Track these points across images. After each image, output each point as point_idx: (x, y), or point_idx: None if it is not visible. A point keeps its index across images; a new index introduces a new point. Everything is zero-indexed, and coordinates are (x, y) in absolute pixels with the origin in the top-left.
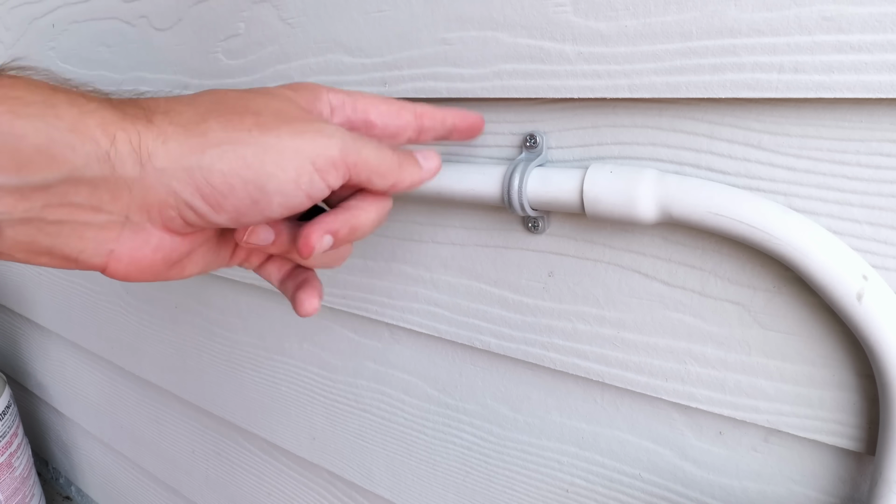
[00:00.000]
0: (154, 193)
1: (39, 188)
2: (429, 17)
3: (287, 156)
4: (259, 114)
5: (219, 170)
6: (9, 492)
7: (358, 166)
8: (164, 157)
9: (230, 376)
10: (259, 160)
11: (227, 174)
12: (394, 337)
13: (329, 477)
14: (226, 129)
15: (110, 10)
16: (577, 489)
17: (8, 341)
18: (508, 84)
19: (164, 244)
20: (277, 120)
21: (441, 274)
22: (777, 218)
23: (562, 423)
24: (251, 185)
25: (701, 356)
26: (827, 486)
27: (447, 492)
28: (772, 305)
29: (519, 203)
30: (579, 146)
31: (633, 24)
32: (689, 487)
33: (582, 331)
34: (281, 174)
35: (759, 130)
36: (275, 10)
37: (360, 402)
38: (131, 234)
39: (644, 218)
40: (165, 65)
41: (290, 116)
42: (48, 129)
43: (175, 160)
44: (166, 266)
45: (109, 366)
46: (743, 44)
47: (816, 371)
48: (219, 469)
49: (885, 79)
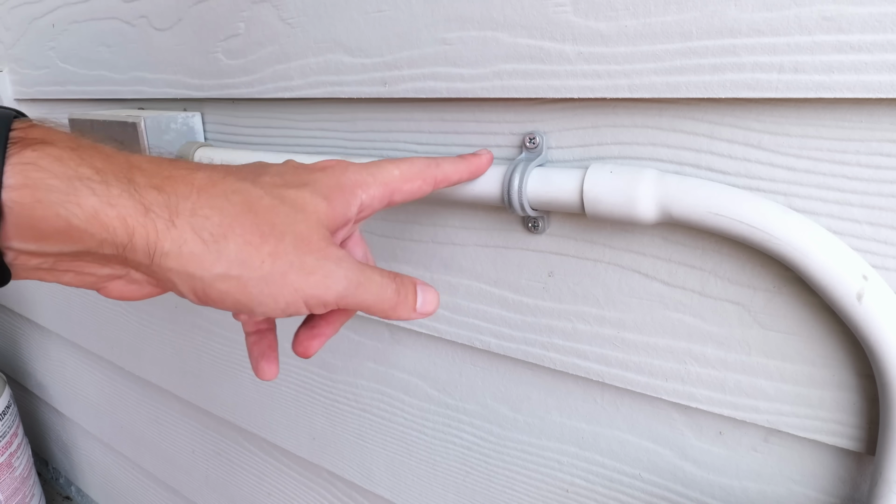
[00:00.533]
0: (157, 276)
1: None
2: (429, 17)
3: (285, 291)
4: (280, 239)
5: (218, 289)
6: (9, 492)
7: (351, 305)
8: (175, 261)
9: (230, 376)
10: (258, 290)
11: (225, 293)
12: (394, 337)
13: (329, 477)
14: (241, 252)
15: (110, 10)
16: (577, 489)
17: (8, 341)
18: (508, 84)
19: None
20: (294, 252)
21: (441, 274)
22: (777, 218)
23: (562, 423)
24: (241, 304)
25: (701, 356)
26: (827, 486)
27: (447, 492)
28: (772, 305)
29: (519, 203)
30: (579, 146)
31: (633, 24)
32: (689, 487)
33: (582, 331)
34: (272, 304)
35: (759, 130)
36: (275, 10)
37: (360, 402)
38: (126, 283)
39: (644, 218)
40: (165, 65)
41: (308, 248)
42: (68, 217)
43: (183, 266)
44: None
45: (109, 366)
46: (743, 44)
47: (816, 371)
48: (219, 469)
49: (885, 79)
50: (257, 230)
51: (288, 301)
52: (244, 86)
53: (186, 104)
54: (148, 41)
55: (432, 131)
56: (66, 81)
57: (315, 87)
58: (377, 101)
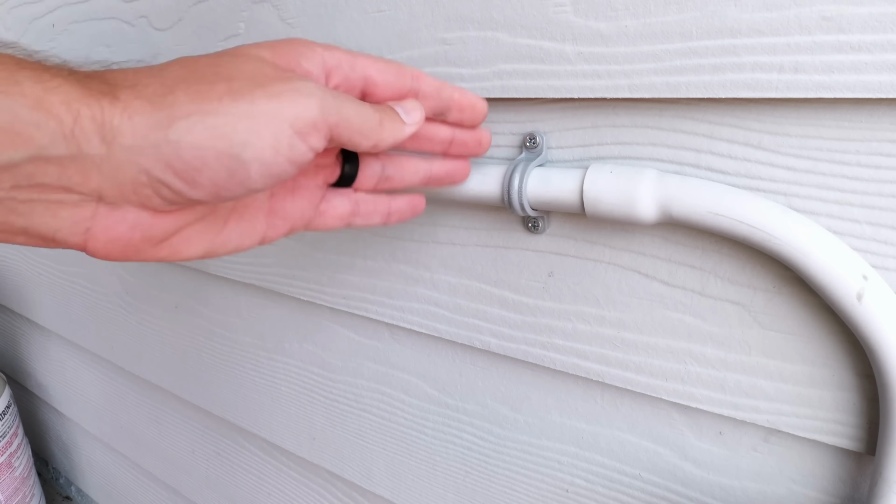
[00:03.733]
0: (124, 172)
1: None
2: (429, 17)
3: (262, 121)
4: (231, 79)
5: (188, 143)
6: (9, 492)
7: (339, 126)
8: (130, 134)
9: (230, 376)
10: (231, 128)
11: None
12: (394, 337)
13: (329, 477)
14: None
15: (110, 10)
16: (577, 489)
17: (8, 341)
18: (508, 84)
19: (142, 222)
20: (251, 84)
21: (441, 274)
22: (777, 218)
23: (562, 423)
24: (225, 155)
25: (701, 356)
26: (827, 486)
27: (447, 492)
28: (772, 305)
29: (519, 203)
30: (579, 146)
31: (633, 24)
32: (689, 487)
33: (582, 331)
34: (257, 141)
35: (759, 130)
36: (275, 10)
37: (360, 402)
38: (107, 212)
39: (644, 218)
40: None
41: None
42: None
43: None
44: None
45: (109, 366)
46: (743, 44)
47: (816, 371)
48: (219, 469)
49: (885, 79)
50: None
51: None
52: None
53: None
54: (148, 41)
55: None
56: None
57: None
58: None
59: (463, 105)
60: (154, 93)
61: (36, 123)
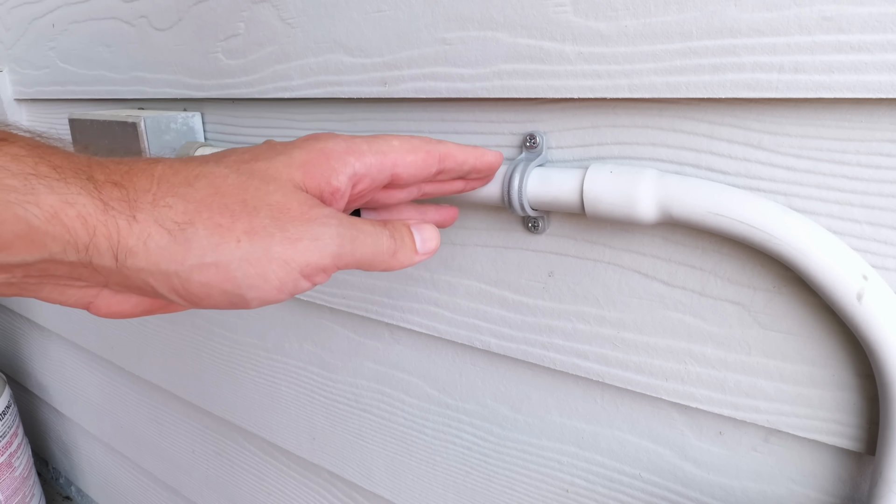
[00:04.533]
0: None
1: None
2: (429, 17)
3: (274, 265)
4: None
5: (198, 281)
6: (9, 492)
7: (350, 264)
8: (144, 258)
9: (230, 376)
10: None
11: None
12: (394, 337)
13: (329, 477)
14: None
15: (110, 10)
16: (577, 489)
17: (8, 341)
18: (508, 84)
19: (144, 302)
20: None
21: (441, 274)
22: (777, 218)
23: (562, 423)
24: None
25: (701, 356)
26: (827, 486)
27: (447, 492)
28: (772, 305)
29: (519, 203)
30: (579, 146)
31: (633, 24)
32: (689, 487)
33: (582, 331)
34: (263, 284)
35: (759, 130)
36: (275, 10)
37: (360, 402)
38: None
39: (644, 218)
40: (165, 65)
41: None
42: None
43: (154, 263)
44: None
45: (109, 366)
46: (743, 44)
47: (816, 371)
48: (219, 469)
49: (885, 79)
50: (227, 210)
51: (281, 277)
52: (244, 86)
53: (186, 104)
54: (148, 41)
55: (432, 131)
56: (66, 81)
57: (315, 87)
58: (377, 101)
59: (481, 168)
60: (174, 219)
61: (52, 235)
